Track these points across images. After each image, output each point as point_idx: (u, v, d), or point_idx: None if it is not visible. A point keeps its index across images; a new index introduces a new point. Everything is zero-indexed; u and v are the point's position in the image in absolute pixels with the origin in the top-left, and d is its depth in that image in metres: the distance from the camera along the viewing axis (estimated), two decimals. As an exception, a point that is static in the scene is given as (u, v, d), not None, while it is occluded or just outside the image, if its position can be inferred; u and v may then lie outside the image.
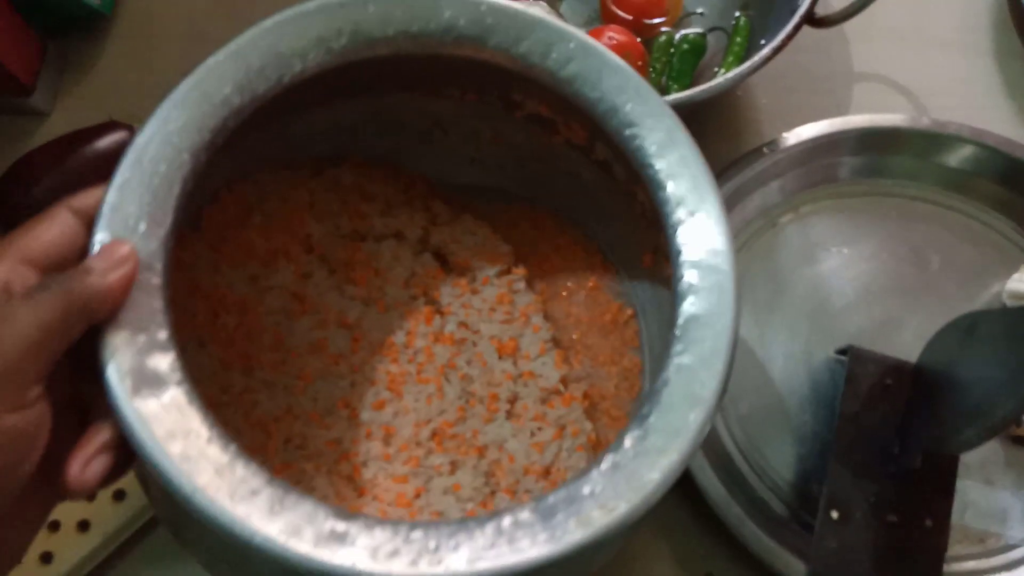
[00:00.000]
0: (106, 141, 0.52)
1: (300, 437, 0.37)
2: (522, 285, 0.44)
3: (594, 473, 0.29)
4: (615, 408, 0.43)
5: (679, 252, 0.33)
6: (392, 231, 0.44)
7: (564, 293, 0.46)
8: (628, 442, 0.29)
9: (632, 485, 0.28)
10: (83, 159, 0.52)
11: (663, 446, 0.29)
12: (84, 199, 0.30)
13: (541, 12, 0.55)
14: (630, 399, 0.43)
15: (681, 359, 0.31)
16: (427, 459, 0.38)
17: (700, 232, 0.34)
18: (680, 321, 0.32)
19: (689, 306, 0.33)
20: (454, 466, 0.38)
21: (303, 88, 0.35)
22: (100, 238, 0.29)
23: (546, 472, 0.39)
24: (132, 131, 0.52)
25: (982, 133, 0.55)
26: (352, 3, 0.35)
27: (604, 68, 0.36)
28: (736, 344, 0.33)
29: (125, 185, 0.30)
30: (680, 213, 0.34)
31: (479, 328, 0.42)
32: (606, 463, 0.29)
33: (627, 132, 0.36)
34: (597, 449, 0.41)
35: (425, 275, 0.43)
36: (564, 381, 0.42)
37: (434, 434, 0.38)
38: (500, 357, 0.41)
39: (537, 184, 0.47)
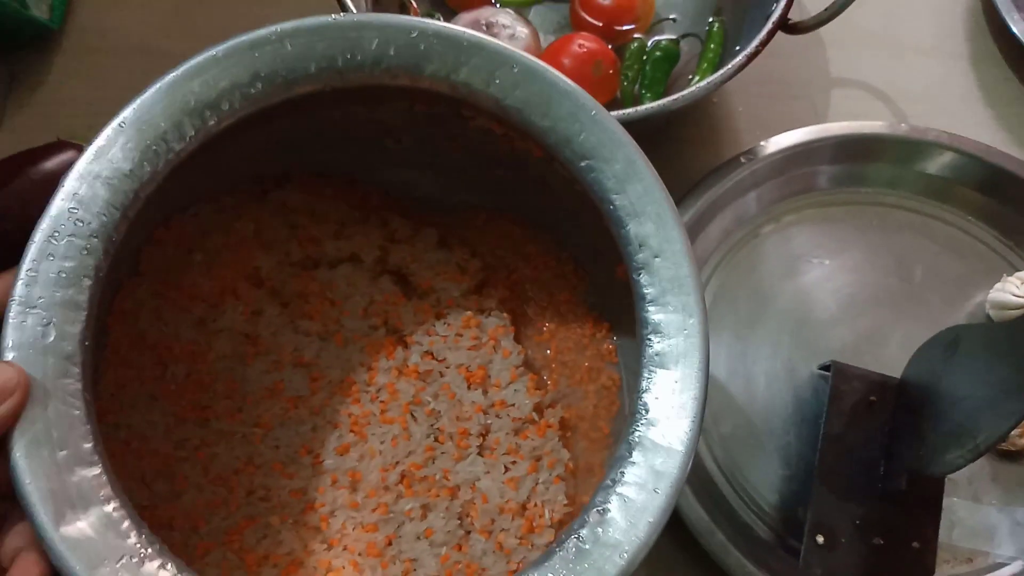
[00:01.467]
0: (54, 162, 0.50)
1: (263, 489, 0.35)
2: (491, 304, 0.42)
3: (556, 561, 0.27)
4: (594, 429, 0.41)
5: (643, 297, 0.32)
6: (347, 254, 0.42)
7: (536, 308, 0.44)
8: (587, 530, 0.29)
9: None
10: (30, 181, 0.49)
11: (621, 539, 0.29)
12: None
13: (509, 19, 0.54)
14: (609, 417, 0.42)
15: (645, 432, 0.30)
16: (396, 504, 0.36)
17: (665, 276, 0.32)
18: (645, 379, 0.31)
19: (655, 357, 0.31)
20: (425, 510, 0.36)
21: (225, 132, 0.33)
22: (6, 353, 0.27)
23: (522, 509, 0.37)
24: (81, 151, 0.50)
25: (961, 140, 0.54)
26: (266, 42, 0.33)
27: (553, 93, 0.34)
28: (706, 400, 0.32)
29: (33, 282, 0.28)
30: (644, 254, 0.32)
31: (445, 357, 0.40)
32: (565, 552, 0.28)
33: (582, 164, 0.34)
34: (576, 476, 0.39)
35: (384, 301, 0.41)
36: (538, 408, 0.40)
37: (403, 477, 0.37)
38: (469, 387, 0.40)
39: (503, 190, 0.44)
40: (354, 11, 0.48)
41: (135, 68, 0.58)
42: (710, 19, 0.56)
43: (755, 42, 0.47)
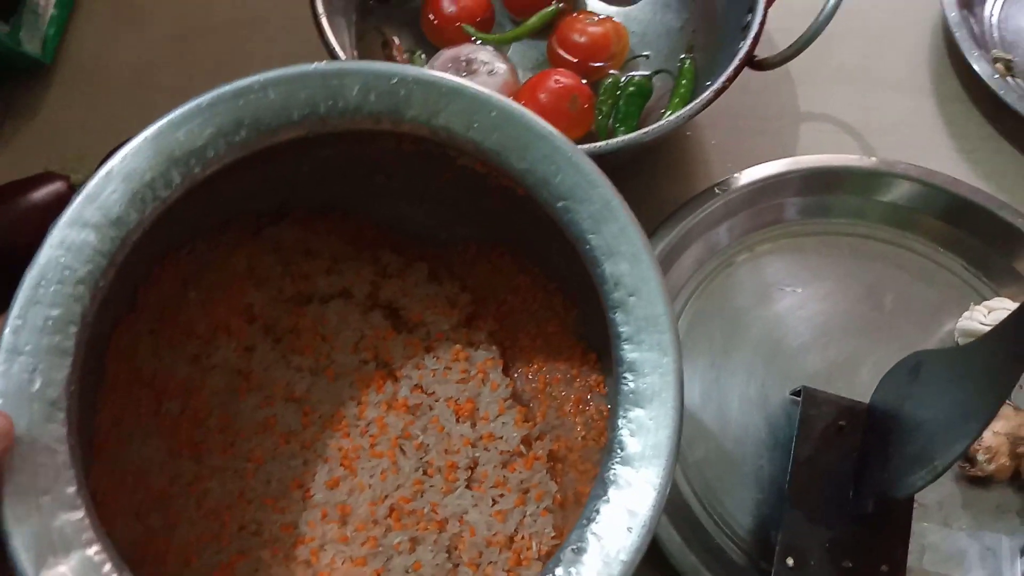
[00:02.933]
0: (41, 193, 0.50)
1: (255, 523, 0.36)
2: (480, 336, 0.43)
3: None
4: (583, 461, 0.42)
5: (619, 336, 0.33)
6: (338, 289, 0.42)
7: (525, 339, 0.44)
8: (561, 570, 0.29)
9: None
10: (18, 211, 0.50)
11: None
12: None
13: (489, 55, 0.56)
14: (598, 448, 0.42)
15: (620, 470, 0.31)
16: (385, 538, 0.37)
17: (640, 315, 0.33)
18: (620, 416, 0.32)
19: (630, 395, 0.32)
20: (414, 543, 0.37)
21: (214, 176, 0.33)
22: None
23: (510, 541, 0.38)
24: (68, 182, 0.51)
25: (928, 172, 0.55)
26: (249, 91, 0.34)
27: (530, 137, 0.35)
28: (680, 438, 0.33)
29: (19, 330, 0.29)
30: (619, 294, 0.33)
31: (434, 390, 0.41)
32: None
33: (559, 205, 0.35)
34: (564, 508, 0.40)
35: (375, 336, 0.42)
36: (527, 441, 0.41)
37: (391, 511, 0.37)
38: (458, 420, 0.40)
39: (493, 223, 0.45)
40: (337, 48, 0.50)
41: (127, 102, 0.59)
42: (682, 56, 0.58)
43: (722, 78, 0.49)
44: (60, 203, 0.50)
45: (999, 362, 0.36)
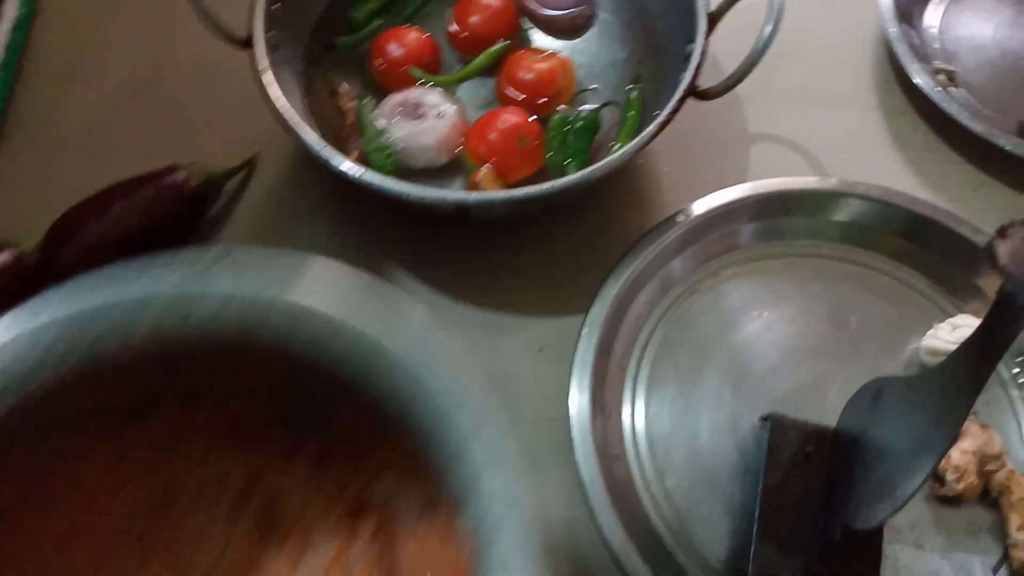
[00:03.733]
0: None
1: None
2: (365, 528, 0.39)
3: None
4: None
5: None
6: (210, 486, 0.39)
7: (409, 530, 0.40)
8: None
9: None
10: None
11: None
12: None
13: (437, 98, 0.56)
14: None
15: None
16: None
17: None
18: None
19: None
20: None
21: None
22: None
23: None
24: (16, 252, 0.51)
25: (887, 191, 0.55)
26: (92, 316, 0.31)
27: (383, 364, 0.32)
28: None
29: None
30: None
31: None
32: None
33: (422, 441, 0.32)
34: None
35: (242, 545, 0.38)
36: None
37: None
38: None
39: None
40: (280, 104, 0.50)
41: (79, 161, 0.60)
42: (628, 87, 0.58)
43: (666, 110, 0.49)
44: (4, 276, 0.50)
45: (951, 394, 0.36)
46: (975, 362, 0.34)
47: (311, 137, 0.49)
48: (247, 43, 0.52)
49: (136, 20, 0.68)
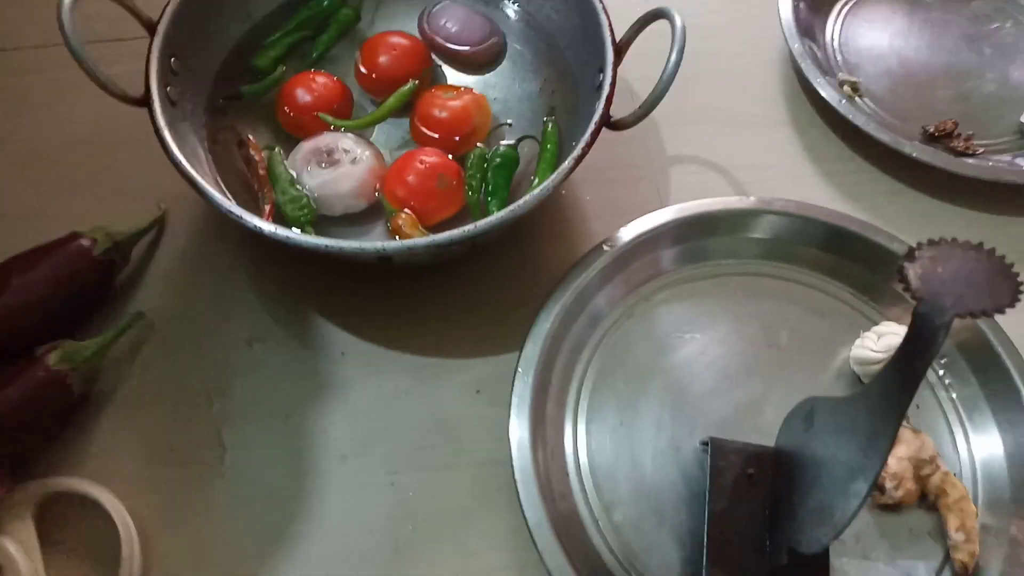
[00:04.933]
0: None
1: None
2: None
3: None
4: None
5: None
6: None
7: None
8: None
9: None
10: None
11: None
12: None
13: (350, 143, 0.55)
14: None
15: None
16: None
17: None
18: None
19: None
20: None
21: None
22: None
23: None
24: None
25: (803, 206, 0.56)
26: None
27: None
28: None
29: None
30: None
31: None
32: None
33: None
34: None
35: None
36: None
37: None
38: None
39: None
40: (182, 160, 0.48)
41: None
42: (544, 119, 0.58)
43: (582, 142, 0.49)
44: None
45: (878, 416, 0.36)
46: (898, 385, 0.35)
47: (218, 196, 0.47)
48: (144, 101, 0.49)
49: (28, 82, 0.65)
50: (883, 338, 0.51)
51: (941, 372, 0.53)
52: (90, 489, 0.48)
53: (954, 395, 0.52)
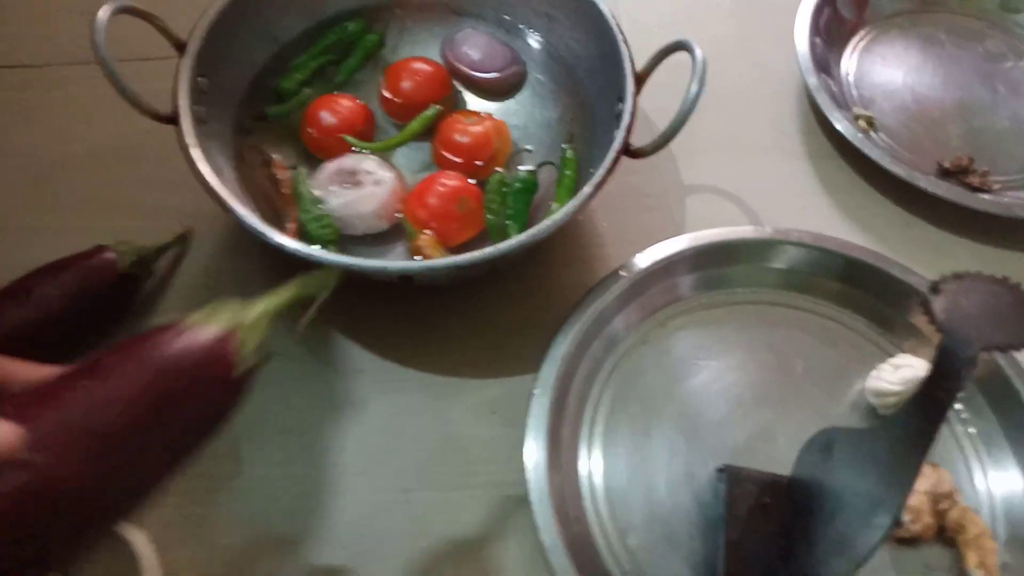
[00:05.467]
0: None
1: None
2: None
3: None
4: None
5: None
6: None
7: None
8: None
9: None
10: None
11: None
12: None
13: (373, 164, 0.55)
14: None
15: None
16: None
17: None
18: None
19: None
20: None
21: None
22: None
23: None
24: None
25: (820, 237, 0.57)
26: None
27: None
28: None
29: None
30: None
31: None
32: None
33: None
34: None
35: None
36: None
37: None
38: None
39: None
40: (210, 177, 0.48)
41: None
42: (563, 146, 0.58)
43: (601, 171, 0.49)
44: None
45: (902, 450, 0.36)
46: (922, 418, 0.35)
47: (244, 212, 0.48)
48: (173, 119, 0.50)
49: (56, 96, 0.67)
50: (899, 370, 0.51)
51: (959, 406, 0.53)
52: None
53: (972, 430, 0.52)
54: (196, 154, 0.49)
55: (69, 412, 0.31)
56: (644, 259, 0.55)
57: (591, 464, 0.51)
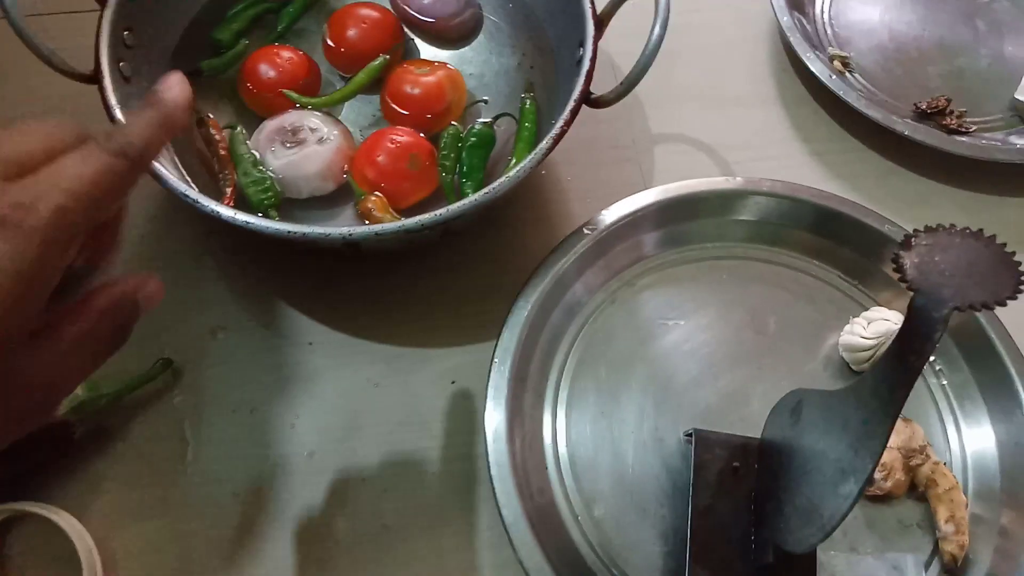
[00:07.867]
0: None
1: None
2: None
3: None
4: None
5: None
6: None
7: None
8: None
9: None
10: None
11: None
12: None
13: (317, 121, 0.52)
14: None
15: None
16: None
17: None
18: None
19: None
20: None
21: None
22: None
23: None
24: None
25: (793, 187, 0.54)
26: None
27: None
28: None
29: None
30: None
31: None
32: None
33: None
34: None
35: None
36: None
37: None
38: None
39: None
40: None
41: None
42: (522, 95, 0.55)
43: (560, 122, 0.46)
44: None
45: (870, 415, 0.34)
46: (892, 381, 0.33)
47: (173, 179, 0.44)
48: (94, 78, 0.46)
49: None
50: (873, 324, 0.49)
51: (932, 358, 0.51)
52: (50, 515, 0.45)
53: (945, 382, 0.51)
54: (121, 116, 0.45)
55: None
56: (609, 215, 0.53)
57: (556, 432, 0.49)
